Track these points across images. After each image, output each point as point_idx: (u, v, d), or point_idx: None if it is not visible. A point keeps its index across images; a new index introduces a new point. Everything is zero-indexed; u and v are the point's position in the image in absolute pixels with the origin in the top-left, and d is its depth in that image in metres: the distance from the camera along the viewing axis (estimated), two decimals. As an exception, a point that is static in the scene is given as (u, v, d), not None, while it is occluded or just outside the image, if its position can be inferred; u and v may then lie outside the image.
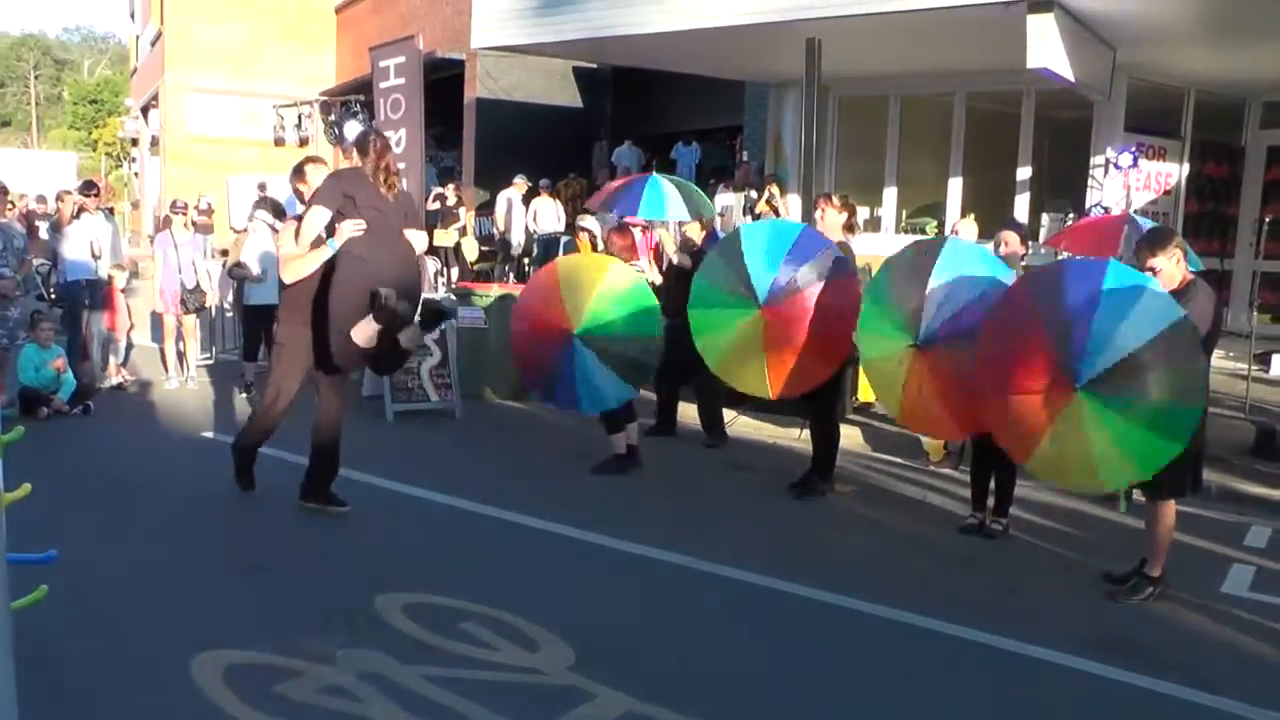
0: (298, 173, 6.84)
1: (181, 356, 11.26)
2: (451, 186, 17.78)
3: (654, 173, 12.41)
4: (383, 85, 11.09)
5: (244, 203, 15.83)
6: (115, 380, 10.75)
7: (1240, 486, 7.78)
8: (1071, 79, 10.44)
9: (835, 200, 7.91)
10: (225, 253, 12.36)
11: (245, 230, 11.08)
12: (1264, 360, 10.42)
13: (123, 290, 10.98)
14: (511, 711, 4.11)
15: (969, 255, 6.56)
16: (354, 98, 12.80)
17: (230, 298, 11.97)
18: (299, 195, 6.90)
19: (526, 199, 17.95)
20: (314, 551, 5.93)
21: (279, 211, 10.35)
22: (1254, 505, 7.56)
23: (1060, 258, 8.46)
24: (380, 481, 7.42)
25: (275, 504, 6.88)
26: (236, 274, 10.46)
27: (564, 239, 15.86)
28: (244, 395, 10.43)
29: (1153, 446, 5.34)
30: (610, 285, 7.74)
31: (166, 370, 11.14)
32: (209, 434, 8.86)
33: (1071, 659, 4.90)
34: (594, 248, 10.38)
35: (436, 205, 17.47)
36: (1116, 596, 5.71)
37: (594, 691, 4.31)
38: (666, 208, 11.18)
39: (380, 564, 5.74)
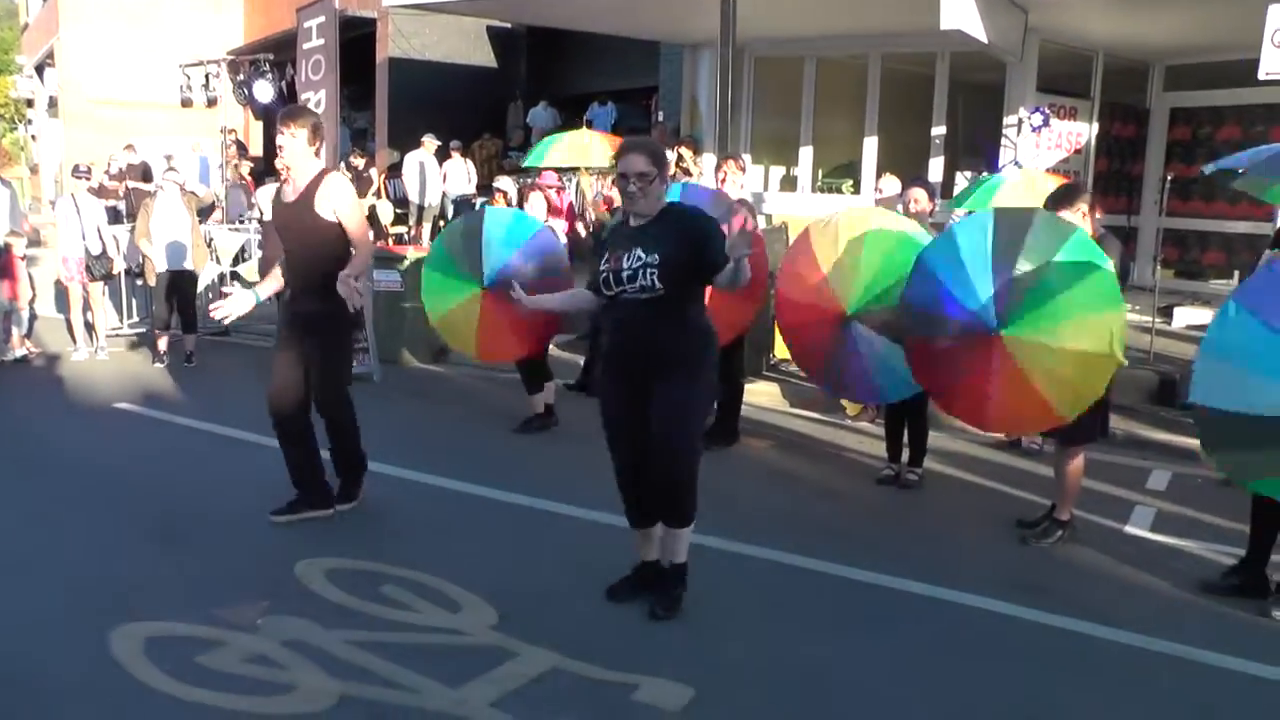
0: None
1: (90, 327, 10.96)
2: (356, 153, 17.53)
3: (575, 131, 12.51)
4: (305, 46, 10.90)
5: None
6: (19, 352, 10.40)
7: (1143, 433, 8.03)
8: (984, 40, 10.60)
9: (740, 161, 8.07)
10: (133, 217, 12.07)
11: (154, 193, 10.78)
12: (1167, 313, 10.73)
13: (22, 258, 10.61)
14: (436, 672, 4.10)
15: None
16: (263, 57, 12.51)
17: (140, 265, 11.67)
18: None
19: (440, 160, 17.76)
20: (232, 520, 5.82)
21: (147, 175, 10.11)
22: (1156, 450, 7.82)
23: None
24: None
25: (192, 474, 6.77)
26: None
27: (480, 200, 15.73)
28: (157, 365, 10.22)
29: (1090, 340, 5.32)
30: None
31: (74, 341, 10.83)
32: (123, 405, 8.65)
33: (985, 600, 5.03)
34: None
35: (350, 175, 17.21)
36: (1028, 540, 5.86)
37: (517, 650, 4.32)
38: (546, 157, 11.38)
39: (300, 530, 5.66)
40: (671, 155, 14.71)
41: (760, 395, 9.07)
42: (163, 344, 10.34)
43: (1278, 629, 4.83)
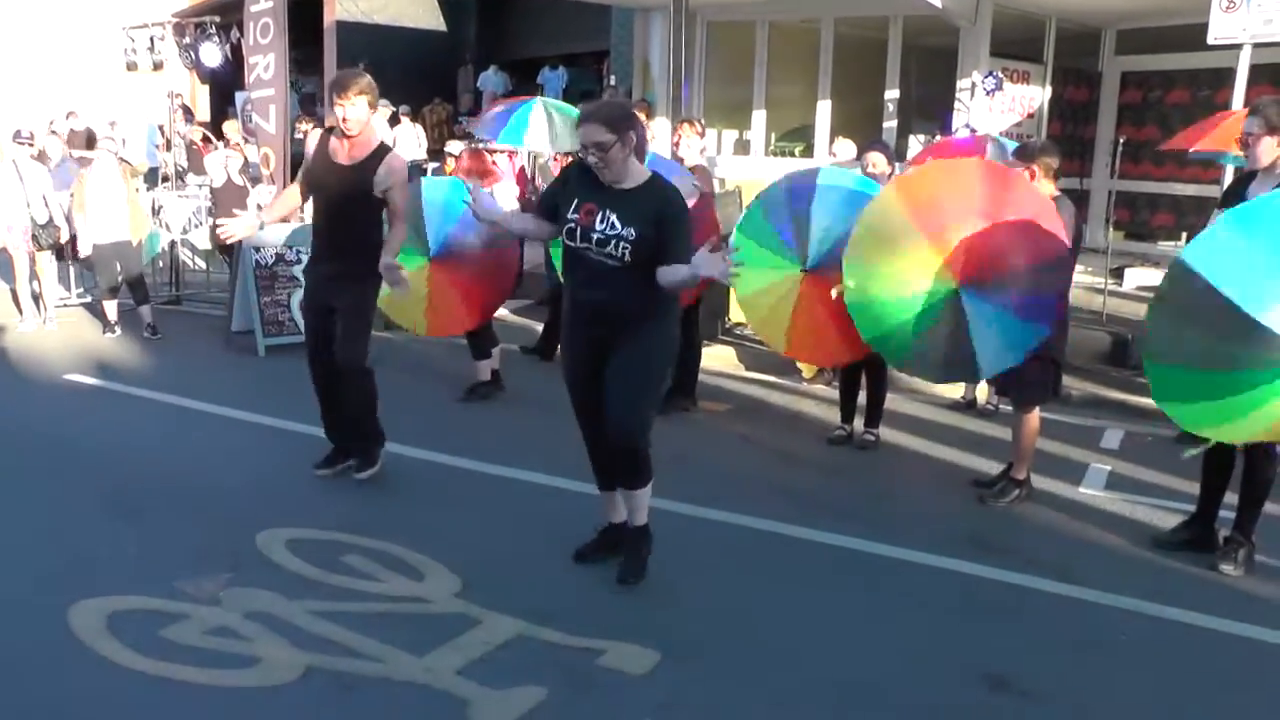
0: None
1: (37, 297, 10.73)
2: (303, 118, 17.30)
3: (539, 98, 12.29)
4: (253, 9, 10.68)
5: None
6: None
7: (1096, 392, 8.16)
8: (939, 5, 10.63)
9: (696, 125, 8.02)
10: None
11: (90, 160, 10.49)
12: (1118, 274, 10.87)
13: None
14: (402, 641, 4.08)
15: (843, 179, 6.64)
16: (209, 19, 12.28)
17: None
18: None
19: (390, 126, 17.55)
20: (190, 491, 5.73)
21: (91, 142, 9.89)
22: (1109, 409, 7.94)
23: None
24: (253, 417, 7.24)
25: (148, 445, 6.67)
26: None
27: (432, 165, 15.58)
28: (108, 336, 10.04)
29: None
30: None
31: (20, 312, 10.60)
32: (74, 377, 8.49)
33: (945, 559, 5.10)
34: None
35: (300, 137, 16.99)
36: (985, 500, 5.94)
37: (481, 617, 4.31)
38: (525, 137, 11.12)
39: (258, 501, 5.59)
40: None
41: (716, 360, 9.09)
42: (111, 312, 10.14)
43: (1226, 582, 4.93)
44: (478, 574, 4.73)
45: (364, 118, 5.60)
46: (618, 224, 4.40)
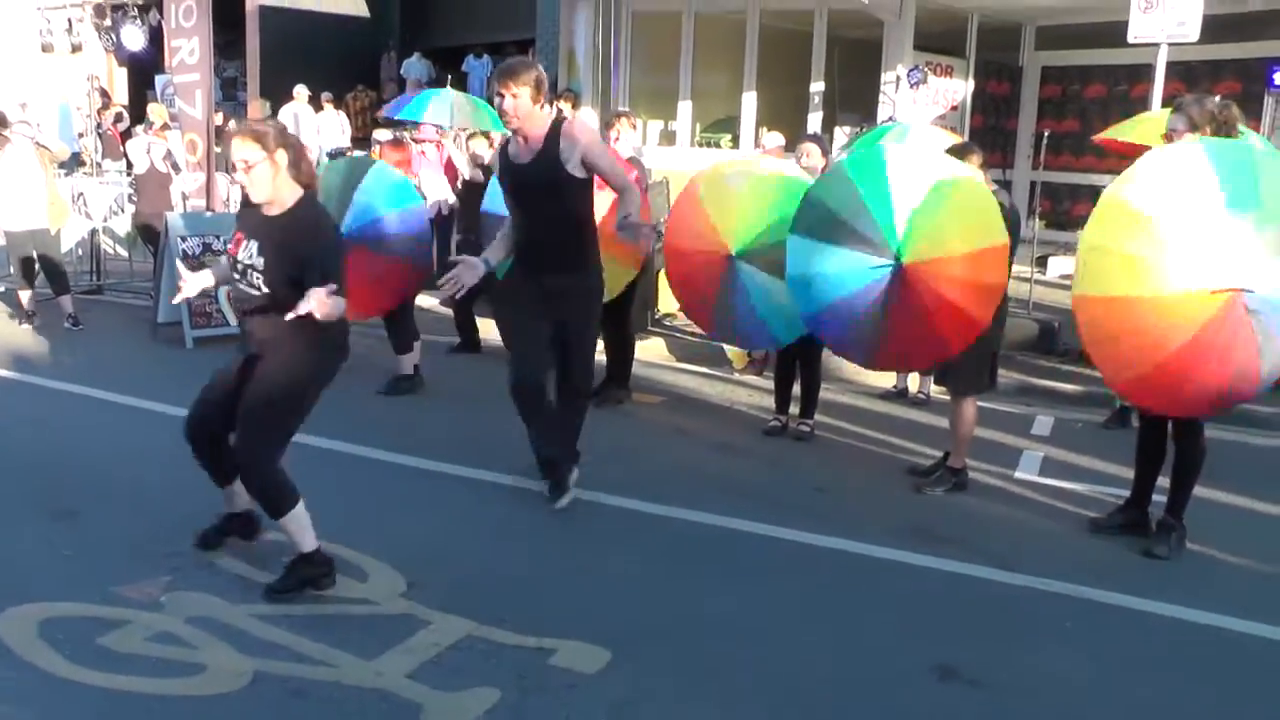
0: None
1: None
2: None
3: (447, 88, 12.24)
4: (175, -9, 10.38)
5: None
6: None
7: (1025, 379, 8.30)
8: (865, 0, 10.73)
9: (632, 118, 8.07)
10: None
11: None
12: (1042, 263, 11.08)
13: None
14: (349, 644, 4.01)
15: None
16: (130, 1, 11.93)
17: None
18: None
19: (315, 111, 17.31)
20: (123, 490, 5.55)
21: (2, 123, 9.55)
22: (1038, 396, 8.11)
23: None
24: (184, 412, 7.03)
25: (78, 442, 6.46)
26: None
27: (358, 154, 15.35)
28: (24, 327, 9.72)
29: None
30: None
31: (-74, 303, 10.26)
32: (-10, 369, 8.25)
33: (886, 550, 5.16)
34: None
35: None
36: (922, 489, 6.02)
37: (429, 618, 4.25)
38: (424, 113, 11.23)
39: (193, 500, 5.33)
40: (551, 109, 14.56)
41: (648, 351, 9.09)
42: (26, 302, 9.81)
43: (1159, 565, 5.05)
44: (422, 573, 4.66)
45: (524, 109, 5.13)
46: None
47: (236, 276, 4.36)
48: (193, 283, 4.64)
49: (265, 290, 4.24)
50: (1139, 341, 4.73)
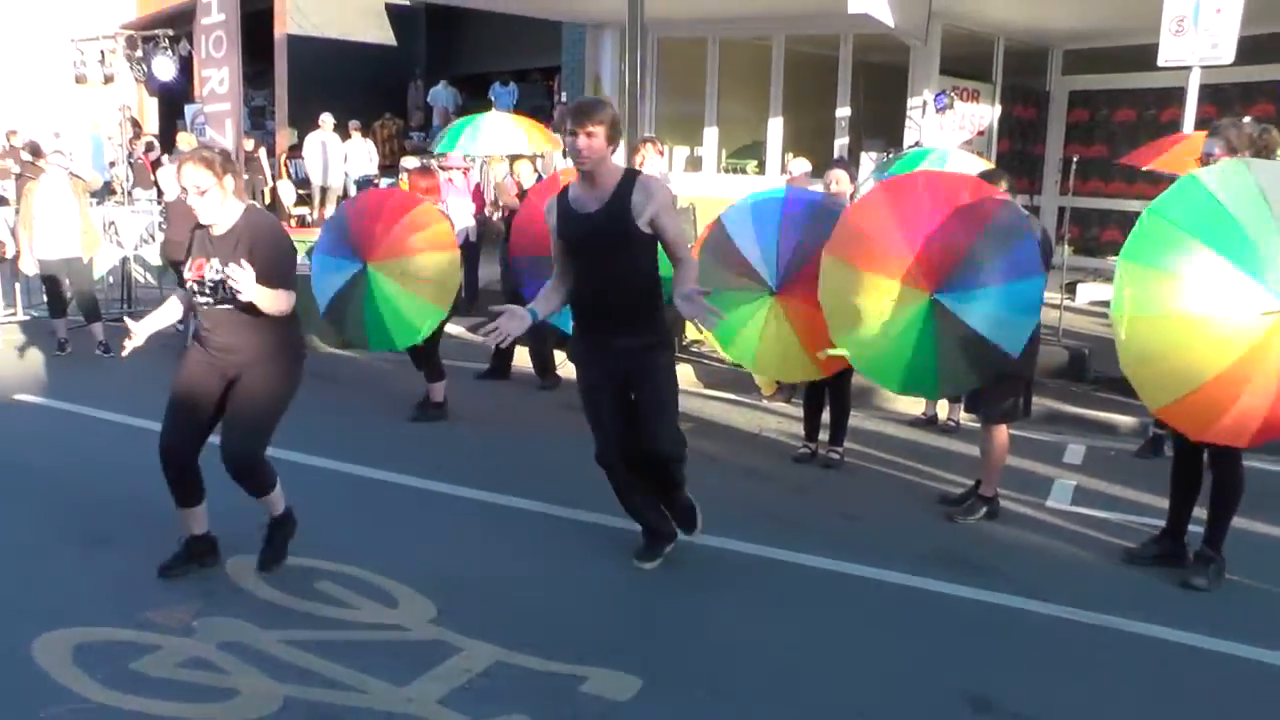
0: None
1: (-20, 315, 10.51)
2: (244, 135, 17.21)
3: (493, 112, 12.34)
4: (204, 21, 10.53)
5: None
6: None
7: (1056, 407, 8.22)
8: (891, 24, 10.74)
9: (658, 144, 8.06)
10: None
11: (25, 174, 10.24)
12: (1071, 290, 11.02)
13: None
14: (380, 670, 4.01)
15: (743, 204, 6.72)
16: (161, 32, 12.09)
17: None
18: None
19: (341, 140, 17.44)
20: (154, 516, 5.48)
21: (37, 153, 9.69)
22: (1069, 423, 8.02)
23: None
24: (214, 439, 7.06)
25: (108, 468, 6.50)
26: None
27: (385, 182, 15.48)
28: (57, 355, 9.82)
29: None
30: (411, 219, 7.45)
31: (-37, 330, 10.38)
32: (23, 397, 8.30)
33: (918, 579, 5.11)
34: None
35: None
36: (954, 517, 5.96)
37: (459, 644, 4.25)
38: (458, 144, 11.30)
39: (225, 526, 5.39)
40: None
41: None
42: (61, 331, 9.93)
43: (1199, 596, 4.97)
44: (451, 599, 4.66)
45: (599, 150, 4.64)
46: None
47: (206, 297, 4.68)
48: (140, 330, 4.85)
49: (242, 297, 4.51)
50: (1185, 362, 4.62)
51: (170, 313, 5.03)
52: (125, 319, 5.18)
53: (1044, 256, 5.66)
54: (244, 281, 4.40)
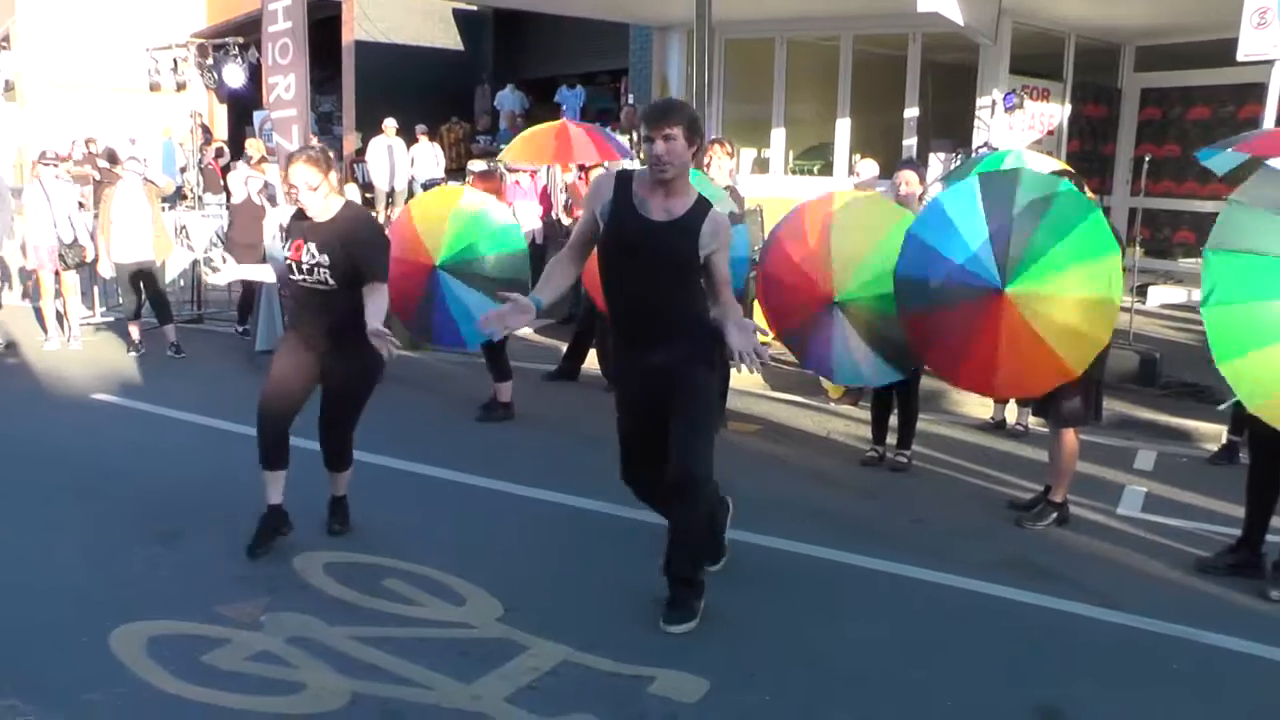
0: None
1: (61, 316, 10.75)
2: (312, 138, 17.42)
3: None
4: (271, 29, 10.68)
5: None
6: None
7: (1127, 412, 8.08)
8: (960, 23, 10.63)
9: (726, 145, 7.99)
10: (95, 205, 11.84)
11: (103, 180, 10.49)
12: (1142, 292, 10.83)
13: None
14: (447, 667, 4.05)
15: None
16: (231, 40, 12.33)
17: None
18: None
19: (407, 144, 17.62)
20: (225, 515, 5.64)
21: (114, 159, 9.90)
22: (1140, 429, 7.88)
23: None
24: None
25: (179, 467, 6.63)
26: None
27: (452, 185, 15.59)
28: (132, 355, 10.05)
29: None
30: (461, 209, 7.65)
31: (45, 331, 10.64)
32: (100, 396, 8.50)
33: (987, 585, 5.05)
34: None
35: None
36: (1023, 523, 5.89)
37: (526, 643, 4.28)
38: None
39: (294, 523, 5.52)
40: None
41: (743, 380, 9.03)
42: (135, 333, 10.18)
43: (1274, 609, 4.87)
44: (518, 598, 4.70)
45: (679, 154, 4.25)
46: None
47: (302, 276, 5.01)
48: (234, 268, 5.60)
49: (332, 283, 4.94)
50: None
51: (263, 273, 5.93)
52: (220, 252, 5.91)
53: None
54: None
